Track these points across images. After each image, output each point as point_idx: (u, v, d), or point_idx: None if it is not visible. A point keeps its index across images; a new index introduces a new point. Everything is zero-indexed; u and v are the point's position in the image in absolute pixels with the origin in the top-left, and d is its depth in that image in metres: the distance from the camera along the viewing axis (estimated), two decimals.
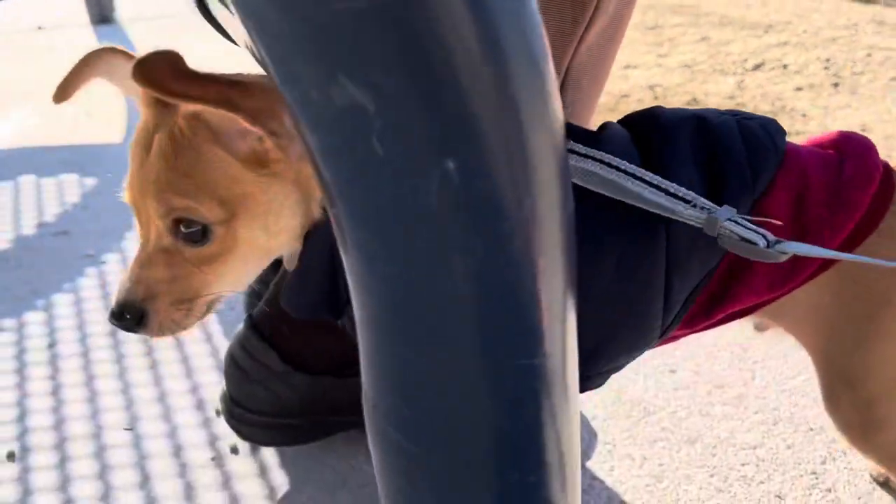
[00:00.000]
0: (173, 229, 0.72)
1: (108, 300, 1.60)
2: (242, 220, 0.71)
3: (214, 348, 1.45)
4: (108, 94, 2.75)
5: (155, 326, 0.74)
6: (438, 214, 0.41)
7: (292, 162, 0.71)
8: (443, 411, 0.48)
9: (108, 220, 1.91)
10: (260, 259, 0.77)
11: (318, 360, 1.09)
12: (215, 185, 0.69)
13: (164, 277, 0.73)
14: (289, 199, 0.72)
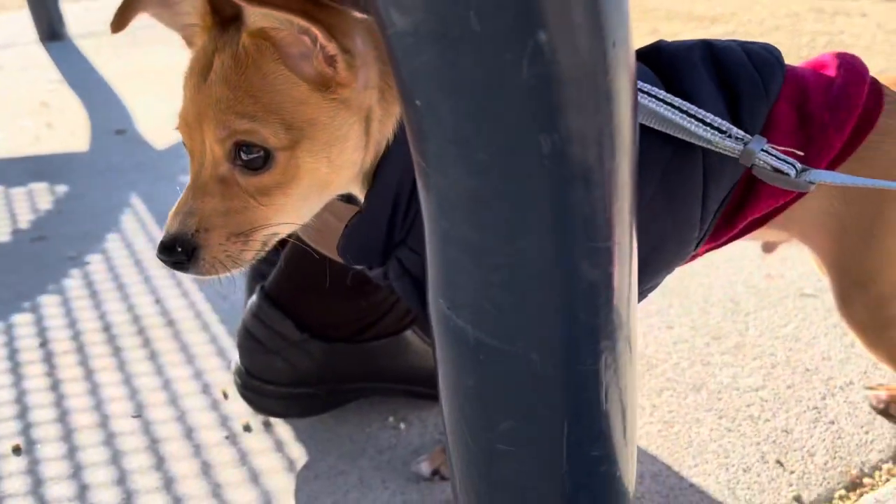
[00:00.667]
0: (232, 155, 0.68)
1: (97, 299, 1.58)
2: (307, 147, 0.67)
3: (213, 335, 1.44)
4: (68, 105, 2.71)
5: (207, 262, 0.68)
6: (529, 88, 0.43)
7: (359, 89, 0.68)
8: (523, 299, 0.50)
9: (85, 223, 1.88)
10: (320, 193, 0.74)
11: (334, 326, 1.10)
12: (281, 107, 0.66)
13: (220, 209, 0.68)
14: (353, 129, 0.69)
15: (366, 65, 0.68)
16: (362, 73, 0.68)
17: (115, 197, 2.02)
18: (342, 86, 0.67)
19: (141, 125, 2.52)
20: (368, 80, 0.69)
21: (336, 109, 0.67)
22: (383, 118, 0.71)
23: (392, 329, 1.13)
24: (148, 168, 2.19)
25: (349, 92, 0.68)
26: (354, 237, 0.79)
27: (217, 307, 1.52)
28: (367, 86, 0.69)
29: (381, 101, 0.71)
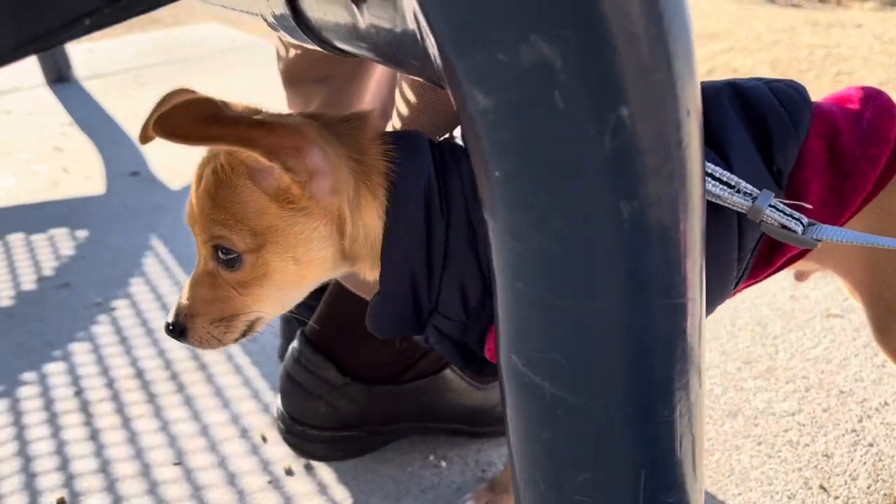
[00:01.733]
0: (214, 255, 0.78)
1: (127, 345, 1.59)
2: (272, 250, 0.76)
3: (246, 378, 1.45)
4: (81, 149, 2.73)
5: (195, 340, 0.80)
6: (610, 159, 0.44)
7: (318, 198, 0.75)
8: (600, 356, 0.52)
9: (107, 268, 1.90)
10: (295, 286, 0.81)
11: (375, 369, 1.11)
12: (247, 217, 0.75)
13: (207, 297, 0.79)
14: (317, 232, 0.76)
15: (324, 174, 0.74)
16: (319, 182, 0.74)
17: (134, 240, 2.04)
18: (300, 197, 0.74)
19: (154, 166, 2.54)
20: (331, 186, 0.75)
21: (295, 217, 0.75)
22: (359, 215, 0.77)
23: (431, 368, 1.14)
24: (166, 210, 2.20)
25: (307, 201, 0.75)
26: (380, 315, 0.83)
27: (247, 348, 1.54)
28: (330, 192, 0.75)
29: (355, 201, 0.77)
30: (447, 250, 0.77)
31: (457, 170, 0.78)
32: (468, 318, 0.81)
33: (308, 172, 0.74)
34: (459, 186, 0.77)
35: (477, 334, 0.82)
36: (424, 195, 0.77)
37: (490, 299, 0.79)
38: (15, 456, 1.29)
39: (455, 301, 0.79)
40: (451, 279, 0.78)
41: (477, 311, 0.80)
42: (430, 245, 0.77)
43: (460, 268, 0.78)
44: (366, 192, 0.77)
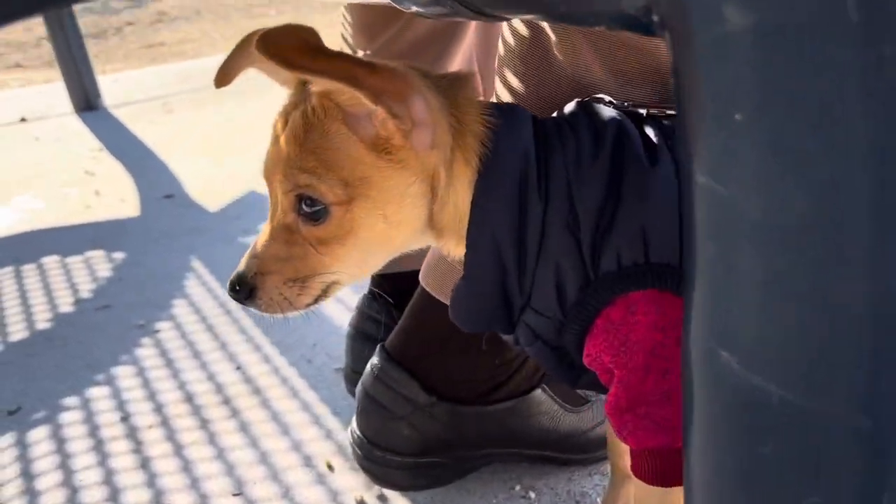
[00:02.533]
0: (296, 206, 0.71)
1: (173, 367, 1.49)
2: (361, 204, 0.69)
3: (304, 402, 1.35)
4: (113, 172, 2.67)
5: (264, 302, 0.72)
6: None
7: (417, 152, 0.69)
8: (849, 351, 0.42)
9: (147, 290, 1.81)
10: (380, 248, 0.74)
11: (463, 387, 1.02)
12: (339, 165, 0.69)
13: (282, 254, 0.72)
14: (411, 189, 0.70)
15: (426, 126, 0.68)
16: (420, 135, 0.68)
17: (172, 262, 1.95)
18: (399, 148, 0.68)
19: (189, 189, 2.47)
20: (431, 141, 0.69)
21: (391, 169, 0.69)
22: (453, 178, 0.71)
23: (523, 388, 1.04)
24: (203, 231, 2.13)
25: (406, 153, 0.69)
26: (462, 305, 0.77)
27: (303, 371, 1.44)
28: (429, 147, 0.69)
29: (451, 161, 0.71)
30: (543, 235, 0.70)
31: (561, 148, 0.71)
32: (564, 316, 0.72)
33: (411, 121, 0.68)
34: (563, 165, 0.70)
35: (575, 336, 0.73)
36: (521, 170, 0.70)
37: (593, 296, 0.70)
38: (60, 486, 1.19)
39: (550, 294, 0.71)
40: (547, 268, 0.70)
41: (576, 309, 0.71)
42: (523, 227, 0.70)
43: (558, 256, 0.70)
44: (459, 156, 0.71)
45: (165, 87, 3.95)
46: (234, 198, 2.33)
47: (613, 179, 0.69)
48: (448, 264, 0.97)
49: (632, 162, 0.69)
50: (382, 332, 1.17)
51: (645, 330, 0.70)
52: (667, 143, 0.70)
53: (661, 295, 0.70)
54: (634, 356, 0.70)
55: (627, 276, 0.68)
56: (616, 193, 0.68)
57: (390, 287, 1.21)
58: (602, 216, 0.68)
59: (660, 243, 0.68)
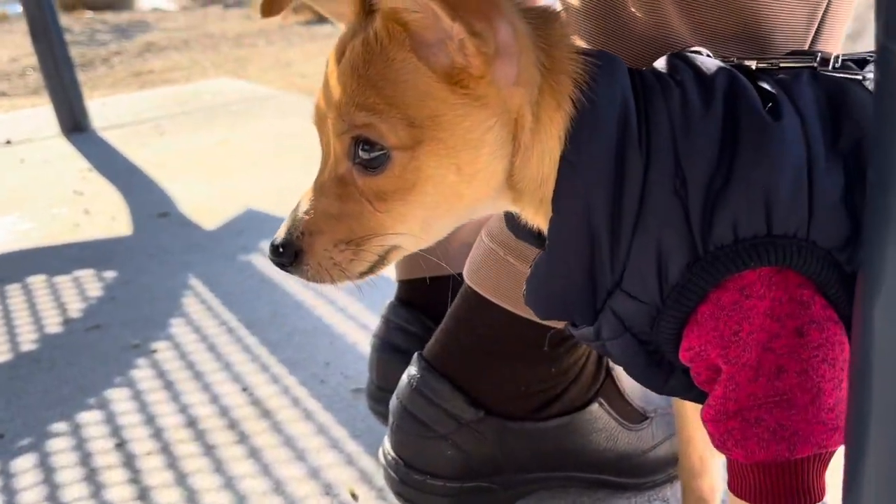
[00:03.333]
0: (351, 152, 0.60)
1: (173, 390, 1.36)
2: (431, 148, 0.59)
3: (319, 426, 1.22)
4: (103, 192, 2.54)
5: (311, 268, 0.62)
6: None
7: (499, 87, 0.58)
8: None
9: (143, 309, 1.68)
10: (451, 207, 0.63)
11: (512, 401, 0.90)
12: (404, 101, 0.58)
13: (332, 211, 0.62)
14: (490, 133, 0.59)
15: (510, 56, 0.58)
16: (504, 66, 0.58)
17: (170, 280, 1.83)
18: (475, 79, 0.57)
19: (184, 207, 2.35)
20: (516, 75, 0.58)
21: (468, 107, 0.58)
22: (540, 125, 0.60)
23: (579, 402, 0.93)
24: (201, 249, 2.00)
25: (486, 87, 0.58)
26: (541, 283, 0.65)
27: (316, 392, 1.31)
28: (514, 82, 0.58)
29: (538, 104, 0.60)
30: (643, 198, 0.59)
31: (664, 98, 0.60)
32: (663, 302, 0.61)
33: (494, 46, 0.57)
34: (667, 118, 0.59)
35: (673, 326, 0.62)
36: (619, 121, 0.59)
37: (701, 275, 0.59)
38: None
39: (648, 272, 0.60)
40: (646, 240, 0.59)
41: (679, 291, 0.60)
42: (620, 189, 0.59)
43: (660, 225, 0.59)
44: (549, 98, 0.60)
45: (156, 110, 3.84)
46: (232, 215, 2.22)
47: (728, 134, 0.58)
48: (499, 259, 0.85)
49: (749, 114, 0.58)
50: (413, 344, 1.05)
51: (761, 318, 0.59)
52: (788, 97, 0.60)
53: (780, 274, 0.59)
54: (749, 350, 0.59)
55: (745, 250, 0.57)
56: (731, 150, 0.58)
57: (418, 294, 1.10)
58: (715, 177, 0.58)
59: (785, 210, 0.57)
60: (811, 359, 0.59)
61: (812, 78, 0.62)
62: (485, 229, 0.89)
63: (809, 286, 0.59)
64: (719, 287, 0.59)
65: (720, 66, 0.62)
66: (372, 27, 0.60)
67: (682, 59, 0.64)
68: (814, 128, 0.59)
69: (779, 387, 0.59)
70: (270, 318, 1.58)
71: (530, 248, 0.83)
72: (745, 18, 0.70)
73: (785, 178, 0.57)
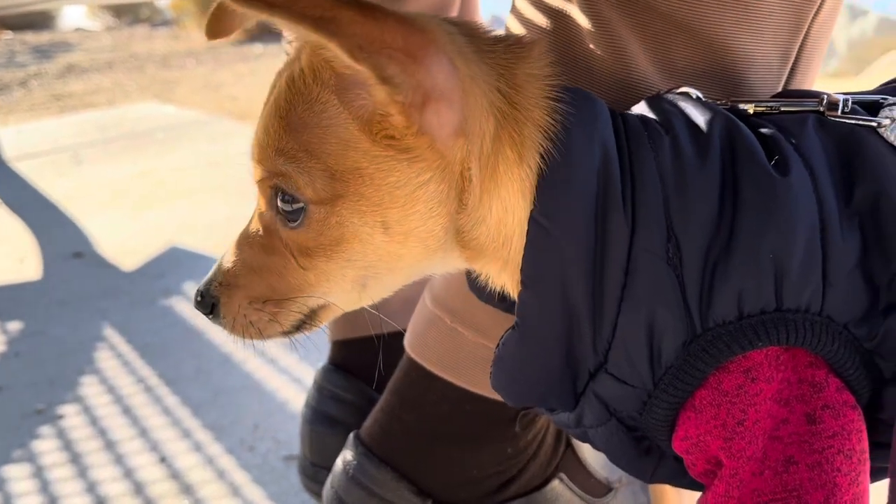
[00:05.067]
0: (273, 202, 0.54)
1: (80, 464, 1.21)
2: (351, 204, 0.51)
3: (246, 503, 1.09)
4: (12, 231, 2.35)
5: (227, 322, 0.56)
6: None
7: (433, 137, 0.50)
8: None
9: (51, 367, 1.53)
10: (385, 266, 0.55)
11: (464, 487, 0.79)
12: (325, 150, 0.51)
13: (256, 263, 0.56)
14: (424, 190, 0.51)
15: (449, 102, 0.49)
16: (440, 113, 0.49)
17: (82, 331, 1.67)
18: (400, 129, 0.49)
19: (101, 246, 2.18)
20: (458, 124, 0.50)
21: (393, 161, 0.51)
22: (497, 181, 0.52)
23: (537, 481, 0.82)
24: (119, 293, 1.85)
25: (414, 139, 0.50)
26: (512, 367, 0.56)
27: (243, 461, 1.19)
28: (455, 132, 0.50)
29: (495, 155, 0.52)
30: (629, 268, 0.50)
31: (652, 149, 0.51)
32: (655, 385, 0.52)
33: (422, 93, 0.48)
34: (656, 174, 0.51)
35: (666, 413, 0.53)
36: (599, 178, 0.50)
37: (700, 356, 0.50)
38: None
39: (638, 353, 0.51)
40: (634, 316, 0.51)
41: (674, 374, 0.51)
42: (602, 258, 0.50)
43: (651, 299, 0.50)
44: (509, 151, 0.51)
45: (75, 137, 3.64)
46: (153, 255, 2.06)
47: (728, 191, 0.50)
48: (446, 328, 0.75)
49: (752, 168, 0.50)
50: (350, 415, 0.94)
51: (768, 404, 0.50)
52: (795, 148, 0.51)
53: (788, 353, 0.50)
54: (754, 441, 0.50)
55: (752, 327, 0.49)
56: (732, 211, 0.49)
57: (356, 357, 0.98)
58: (714, 243, 0.49)
59: (797, 280, 0.49)
60: (826, 449, 0.50)
61: (818, 124, 0.54)
62: (427, 290, 0.79)
63: (822, 366, 0.51)
64: (720, 369, 0.51)
65: (715, 111, 0.53)
66: (298, 63, 0.52)
67: (670, 101, 0.55)
68: (825, 183, 0.51)
69: (787, 481, 0.50)
70: (194, 375, 1.44)
71: (483, 313, 0.73)
72: (715, 55, 0.62)
73: (796, 244, 0.48)
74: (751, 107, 0.56)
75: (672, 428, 0.54)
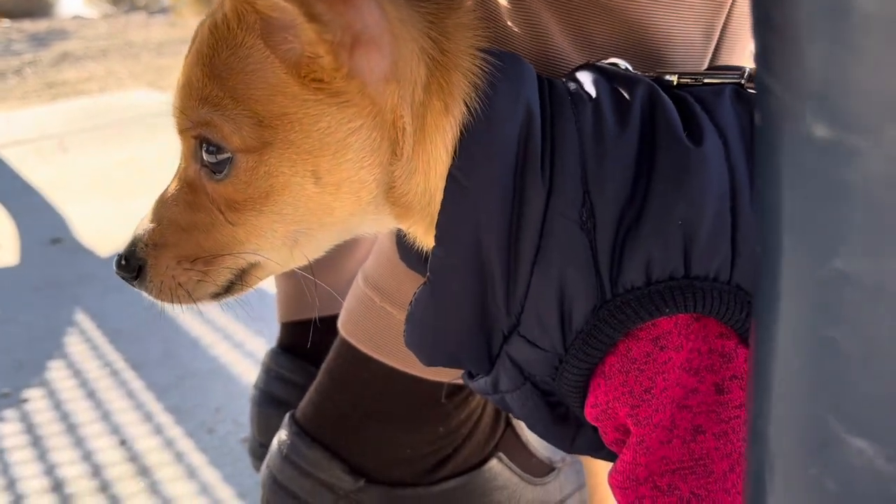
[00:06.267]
0: (198, 154, 0.52)
1: (41, 447, 1.22)
2: (281, 153, 0.50)
3: (203, 485, 1.10)
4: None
5: (155, 286, 0.54)
6: None
7: (365, 81, 0.49)
8: None
9: (20, 352, 1.53)
10: (316, 220, 0.53)
11: (397, 465, 0.79)
12: (251, 95, 0.50)
13: (182, 221, 0.54)
14: (356, 137, 0.50)
15: (379, 45, 0.49)
16: (370, 56, 0.48)
17: (54, 316, 1.67)
18: (329, 71, 0.48)
19: (79, 233, 2.18)
20: (388, 68, 0.49)
21: (323, 105, 0.50)
22: (425, 131, 0.51)
23: (475, 460, 0.82)
24: (94, 280, 1.85)
25: (344, 82, 0.49)
26: (424, 322, 0.56)
27: (202, 444, 1.19)
28: (386, 77, 0.49)
29: (423, 105, 0.51)
30: (544, 232, 0.50)
31: (574, 115, 0.51)
32: (566, 349, 0.52)
33: (351, 33, 0.47)
34: (576, 138, 0.50)
35: (576, 378, 0.53)
36: (520, 137, 0.50)
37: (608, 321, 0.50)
38: None
39: (549, 317, 0.51)
40: (546, 280, 0.50)
41: (583, 339, 0.51)
42: (518, 218, 0.50)
43: (562, 263, 0.50)
44: (436, 100, 0.50)
45: (65, 124, 3.63)
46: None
47: (644, 159, 0.50)
48: (375, 307, 0.75)
49: (669, 138, 0.50)
50: (296, 396, 0.94)
51: (677, 372, 0.50)
52: (710, 118, 0.51)
53: (699, 322, 0.50)
54: (662, 409, 0.50)
55: (659, 294, 0.49)
56: (647, 179, 0.49)
57: (303, 338, 0.98)
58: (627, 209, 0.49)
59: (706, 248, 0.48)
60: (732, 419, 0.50)
61: (736, 95, 0.54)
62: (361, 271, 0.79)
63: (733, 336, 0.51)
64: (630, 336, 0.51)
65: (640, 80, 0.53)
66: (222, 8, 0.51)
67: (598, 70, 0.55)
68: (737, 153, 0.51)
69: (695, 450, 0.50)
70: (161, 359, 1.45)
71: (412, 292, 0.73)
72: (633, 32, 0.61)
73: (706, 212, 0.48)
74: (675, 78, 0.56)
75: (585, 394, 0.54)
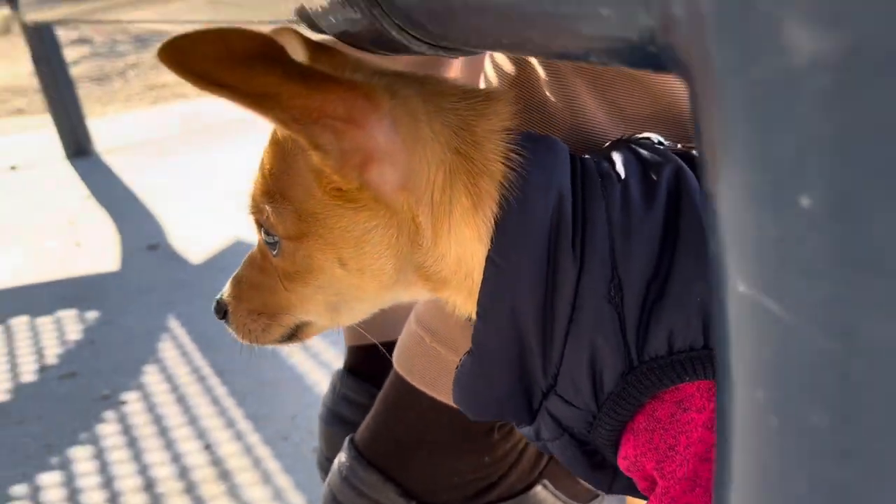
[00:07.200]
0: (260, 232, 0.62)
1: (136, 447, 1.34)
2: (313, 242, 0.59)
3: (276, 489, 1.19)
4: (97, 222, 2.53)
5: (235, 328, 0.65)
6: None
7: (377, 190, 0.55)
8: None
9: (119, 354, 1.67)
10: (349, 295, 0.62)
11: (447, 491, 0.85)
12: (294, 196, 0.58)
13: (255, 281, 0.64)
14: (372, 235, 0.57)
15: (390, 162, 0.54)
16: (382, 173, 0.54)
17: (150, 321, 1.81)
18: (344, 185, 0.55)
19: (174, 239, 2.33)
20: (400, 180, 0.55)
21: (340, 210, 0.57)
22: (448, 228, 0.57)
23: (520, 486, 0.87)
24: (185, 286, 1.98)
25: (357, 193, 0.55)
26: (469, 384, 0.62)
27: (278, 451, 1.28)
28: (399, 187, 0.55)
29: (444, 207, 0.56)
30: (576, 304, 0.55)
31: (603, 198, 0.55)
32: (599, 408, 0.57)
33: (363, 154, 0.53)
34: (605, 218, 0.55)
35: (608, 432, 0.58)
36: (552, 221, 0.55)
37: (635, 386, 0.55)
38: None
39: (582, 380, 0.56)
40: (579, 348, 0.55)
41: (613, 400, 0.56)
42: (552, 294, 0.55)
43: (593, 333, 0.55)
44: (464, 200, 0.56)
45: (163, 129, 3.85)
46: (219, 249, 2.19)
47: (669, 236, 0.54)
48: (426, 346, 0.81)
49: (691, 215, 0.54)
50: (360, 417, 1.01)
51: (699, 430, 0.54)
52: None
53: None
54: (685, 463, 0.55)
55: (681, 363, 0.54)
56: (671, 255, 0.54)
57: (368, 362, 1.06)
58: (652, 285, 0.54)
59: None
60: None
61: None
62: (414, 311, 0.85)
63: None
64: (656, 398, 0.55)
65: (667, 157, 0.57)
66: None
67: (629, 148, 0.59)
68: None
69: None
70: (244, 367, 1.55)
71: (459, 334, 0.78)
72: (664, 105, 0.65)
73: None
74: None
75: (618, 446, 0.59)
